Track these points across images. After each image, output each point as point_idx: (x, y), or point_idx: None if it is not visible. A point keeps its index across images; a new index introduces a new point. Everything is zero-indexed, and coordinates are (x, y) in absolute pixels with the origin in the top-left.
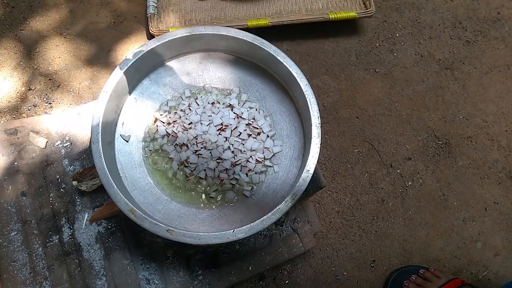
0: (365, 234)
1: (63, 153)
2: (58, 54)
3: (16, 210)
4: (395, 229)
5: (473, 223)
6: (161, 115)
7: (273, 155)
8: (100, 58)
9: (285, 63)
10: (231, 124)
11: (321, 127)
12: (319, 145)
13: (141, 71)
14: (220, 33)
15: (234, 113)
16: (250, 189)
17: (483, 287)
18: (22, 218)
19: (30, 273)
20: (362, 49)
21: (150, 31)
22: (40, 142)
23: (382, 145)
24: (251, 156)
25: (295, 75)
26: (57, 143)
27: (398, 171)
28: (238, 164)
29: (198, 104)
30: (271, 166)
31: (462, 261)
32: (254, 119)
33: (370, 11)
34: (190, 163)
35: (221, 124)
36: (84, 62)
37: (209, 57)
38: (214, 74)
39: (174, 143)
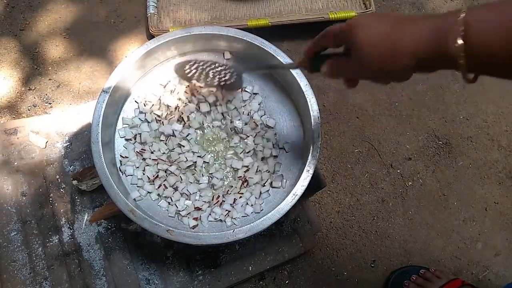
0: (365, 234)
1: (63, 153)
2: (58, 54)
3: (16, 210)
4: (395, 229)
5: (473, 223)
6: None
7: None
8: (100, 58)
9: (285, 63)
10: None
11: (321, 127)
12: (319, 145)
13: (141, 71)
14: (220, 33)
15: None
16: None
17: (483, 287)
18: (22, 218)
19: (30, 273)
20: None
21: (150, 31)
22: (40, 142)
23: (382, 145)
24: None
25: (295, 75)
26: (57, 143)
27: (398, 171)
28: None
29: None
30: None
31: (462, 261)
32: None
33: (370, 11)
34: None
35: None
36: (84, 62)
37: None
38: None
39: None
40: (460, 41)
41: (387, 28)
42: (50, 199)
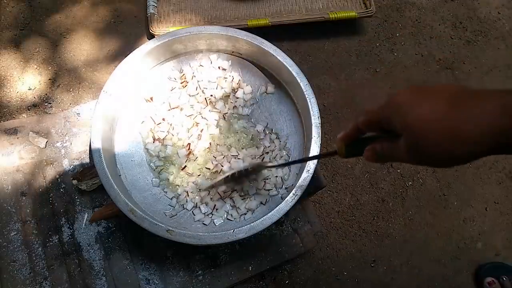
0: (365, 234)
1: (63, 153)
2: (58, 54)
3: (16, 210)
4: (396, 229)
5: (473, 223)
6: (158, 124)
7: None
8: (100, 58)
9: (285, 63)
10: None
11: (321, 127)
12: (319, 145)
13: (141, 71)
14: (220, 32)
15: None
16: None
17: None
18: (22, 218)
19: (30, 273)
20: (362, 49)
21: (150, 31)
22: (40, 142)
23: None
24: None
25: (295, 75)
26: (57, 143)
27: (399, 171)
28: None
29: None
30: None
31: (462, 261)
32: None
33: (370, 10)
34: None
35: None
36: (84, 62)
37: (209, 57)
38: (214, 74)
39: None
40: None
41: (444, 108)
42: (50, 199)
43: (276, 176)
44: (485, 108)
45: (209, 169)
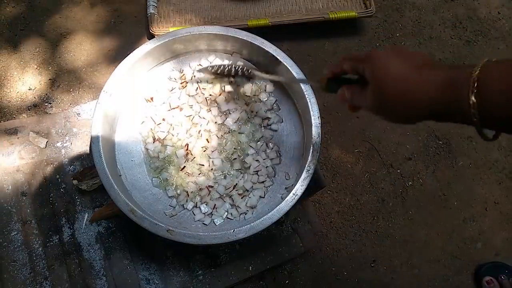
0: (366, 234)
1: (63, 153)
2: (58, 54)
3: (16, 210)
4: (396, 229)
5: (473, 223)
6: (158, 124)
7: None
8: (100, 58)
9: (285, 63)
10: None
11: (321, 127)
12: (319, 145)
13: (141, 71)
14: (220, 33)
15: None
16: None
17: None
18: (22, 218)
19: (30, 273)
20: (362, 48)
21: (151, 31)
22: (40, 142)
23: (382, 145)
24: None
25: (295, 75)
26: (57, 143)
27: (399, 171)
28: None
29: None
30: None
31: (462, 261)
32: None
33: (370, 10)
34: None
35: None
36: (84, 62)
37: (209, 57)
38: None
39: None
40: (473, 99)
41: (406, 72)
42: (50, 199)
43: (267, 167)
44: (432, 81)
45: (203, 165)
